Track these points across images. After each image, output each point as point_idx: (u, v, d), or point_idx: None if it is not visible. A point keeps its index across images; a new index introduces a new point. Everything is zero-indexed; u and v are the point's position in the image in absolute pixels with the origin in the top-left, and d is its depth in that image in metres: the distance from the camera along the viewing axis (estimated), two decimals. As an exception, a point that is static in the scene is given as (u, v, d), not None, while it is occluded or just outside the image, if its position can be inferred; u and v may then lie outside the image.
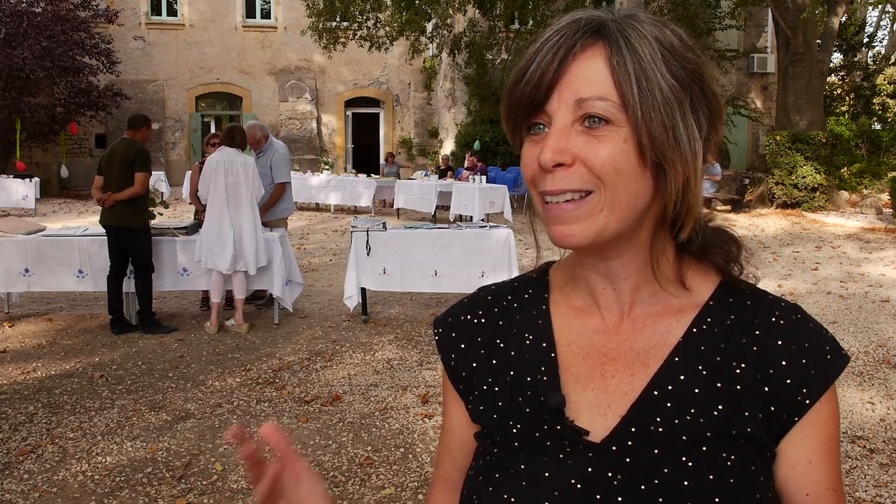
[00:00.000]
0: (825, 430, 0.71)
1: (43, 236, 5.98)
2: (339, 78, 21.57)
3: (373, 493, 3.20)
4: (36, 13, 16.12)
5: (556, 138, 0.67)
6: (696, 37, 13.99)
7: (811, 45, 14.48)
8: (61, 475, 3.35)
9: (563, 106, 0.67)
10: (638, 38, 0.67)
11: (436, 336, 0.86)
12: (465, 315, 0.85)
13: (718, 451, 0.68)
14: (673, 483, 0.68)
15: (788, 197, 14.11)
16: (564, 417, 0.72)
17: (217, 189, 5.69)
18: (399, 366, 4.98)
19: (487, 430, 0.78)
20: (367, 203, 14.32)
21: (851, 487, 3.27)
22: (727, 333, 0.73)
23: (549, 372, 0.76)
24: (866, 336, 5.77)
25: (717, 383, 0.71)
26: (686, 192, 0.69)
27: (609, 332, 0.76)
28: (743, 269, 0.77)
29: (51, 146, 18.03)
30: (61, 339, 5.65)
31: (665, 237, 0.73)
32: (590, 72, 0.66)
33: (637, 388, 0.72)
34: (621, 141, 0.66)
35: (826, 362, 0.71)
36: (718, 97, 0.71)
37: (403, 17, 15.41)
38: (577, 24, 0.68)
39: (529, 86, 0.68)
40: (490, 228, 6.25)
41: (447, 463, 0.85)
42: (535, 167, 0.69)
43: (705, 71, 0.70)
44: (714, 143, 0.72)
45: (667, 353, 0.73)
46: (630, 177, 0.67)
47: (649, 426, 0.70)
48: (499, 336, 0.81)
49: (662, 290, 0.75)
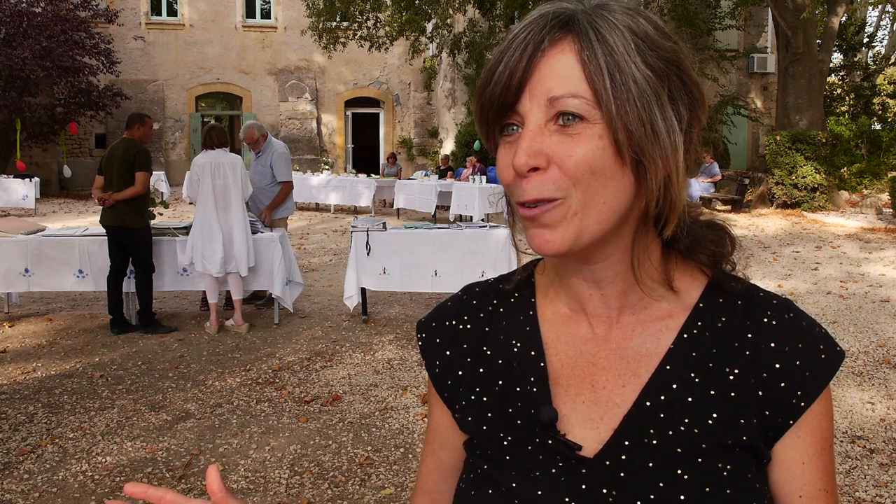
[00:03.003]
0: (818, 429, 0.70)
1: (43, 236, 5.98)
2: (339, 78, 21.58)
3: (373, 493, 3.20)
4: (36, 13, 16.13)
5: (530, 140, 0.64)
6: (696, 37, 13.97)
7: (811, 45, 14.48)
8: (61, 475, 3.35)
9: (535, 105, 0.64)
10: (609, 29, 0.63)
11: (419, 342, 0.84)
12: (449, 320, 0.82)
13: (714, 462, 0.67)
14: (669, 497, 0.66)
15: (788, 197, 14.11)
16: (556, 432, 0.71)
17: (205, 191, 5.67)
18: (399, 366, 4.98)
19: (477, 442, 0.76)
20: (367, 203, 14.33)
21: (851, 487, 3.27)
22: (718, 337, 0.71)
23: (539, 383, 0.73)
24: (866, 336, 5.77)
25: (710, 391, 0.69)
26: (668, 187, 0.66)
27: (598, 340, 0.73)
28: (735, 265, 0.75)
29: (51, 146, 18.04)
30: (61, 339, 5.65)
31: (649, 236, 0.70)
32: (560, 68, 0.63)
33: (629, 399, 0.70)
34: (596, 138, 0.63)
35: (821, 362, 0.69)
36: (698, 84, 0.68)
37: (403, 17, 15.41)
38: (545, 18, 0.65)
39: (499, 86, 0.65)
40: (490, 228, 6.25)
41: (431, 462, 0.84)
42: (510, 173, 0.66)
43: (683, 58, 0.67)
44: (697, 132, 0.69)
45: (658, 362, 0.71)
46: (607, 175, 0.64)
47: (643, 438, 0.68)
48: (485, 343, 0.79)
49: (651, 294, 0.72)
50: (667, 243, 0.72)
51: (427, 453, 0.85)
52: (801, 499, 0.70)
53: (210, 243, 5.66)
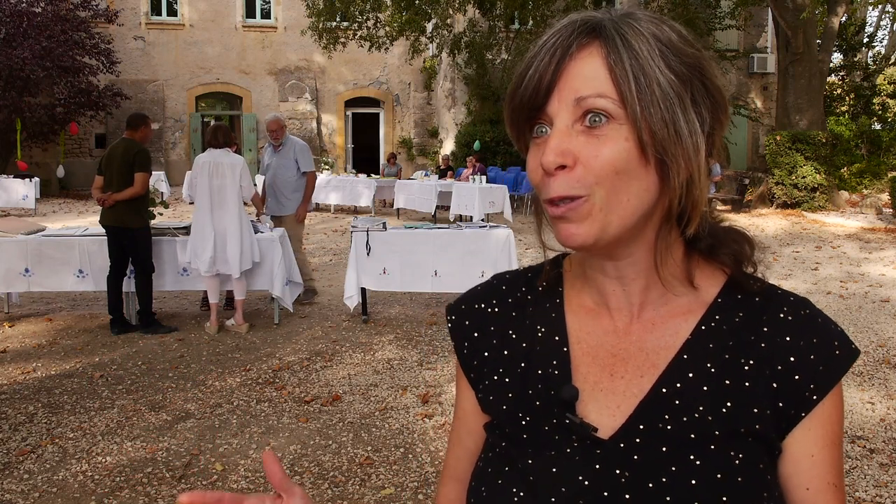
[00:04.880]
0: (829, 423, 0.71)
1: (43, 236, 5.98)
2: (339, 78, 21.57)
3: (373, 493, 3.20)
4: (36, 13, 16.13)
5: (558, 139, 0.67)
6: (696, 37, 14.31)
7: (811, 45, 14.48)
8: (61, 475, 3.35)
9: (563, 107, 0.67)
10: (634, 36, 0.67)
11: (448, 323, 0.87)
12: (479, 303, 0.85)
13: (727, 449, 0.68)
14: (680, 481, 0.68)
15: (788, 197, 14.11)
16: (574, 412, 0.73)
17: (201, 190, 5.68)
18: (399, 366, 4.98)
19: (497, 422, 0.78)
20: (367, 203, 14.33)
21: (851, 487, 3.27)
22: (735, 330, 0.73)
23: (561, 366, 0.76)
24: (866, 336, 5.77)
25: (725, 380, 0.71)
26: (691, 187, 0.69)
27: (619, 333, 0.76)
28: (756, 267, 0.77)
29: (51, 146, 18.04)
30: (61, 339, 5.65)
31: (672, 235, 0.73)
32: (587, 71, 0.67)
33: (646, 388, 0.72)
34: (622, 139, 0.66)
35: (835, 357, 0.71)
36: (721, 90, 0.71)
37: (403, 17, 15.42)
38: (573, 25, 0.69)
39: (529, 89, 0.69)
40: (490, 228, 6.25)
41: (458, 449, 0.86)
42: (539, 173, 0.69)
43: (706, 64, 0.70)
44: (718, 136, 0.72)
45: (675, 352, 0.73)
46: (631, 175, 0.66)
47: (657, 423, 0.70)
48: (511, 327, 0.82)
49: (672, 290, 0.75)
50: (689, 242, 0.75)
51: (453, 441, 0.87)
52: (809, 491, 0.71)
53: (202, 242, 5.67)
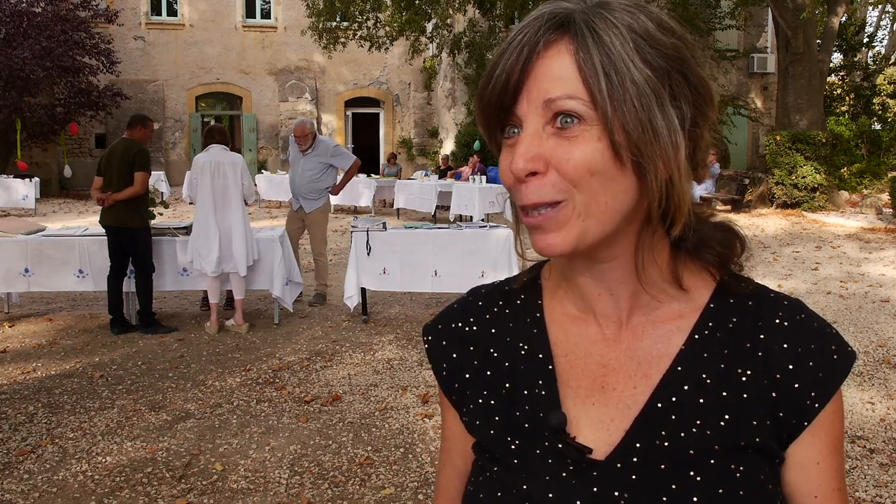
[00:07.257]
0: (832, 430, 0.70)
1: (43, 236, 5.98)
2: (339, 78, 21.58)
3: (373, 493, 3.20)
4: (36, 13, 16.13)
5: (527, 145, 0.63)
6: (696, 37, 14.24)
7: (811, 45, 14.47)
8: (61, 475, 3.35)
9: (532, 108, 0.64)
10: (606, 29, 0.62)
11: (426, 344, 0.83)
12: (455, 322, 0.81)
13: (727, 464, 0.67)
14: (681, 499, 0.66)
15: (788, 197, 14.11)
16: (566, 436, 0.70)
17: (203, 190, 5.67)
18: (399, 366, 4.98)
19: (485, 445, 0.75)
20: (367, 203, 14.34)
21: (851, 487, 3.27)
22: (730, 338, 0.70)
23: (548, 386, 0.73)
24: (866, 336, 5.77)
25: (722, 392, 0.68)
26: (671, 187, 0.65)
27: (608, 341, 0.72)
28: (743, 266, 0.74)
29: (51, 146, 18.04)
30: (61, 339, 5.65)
31: (656, 237, 0.69)
32: (556, 70, 0.62)
33: (640, 401, 0.69)
34: (594, 140, 0.62)
35: (833, 363, 0.69)
36: (705, 80, 0.66)
37: (403, 17, 15.41)
38: (541, 19, 0.64)
39: (496, 90, 0.65)
40: (490, 228, 6.25)
41: (449, 469, 0.84)
42: (511, 177, 0.66)
43: (687, 55, 0.65)
44: (705, 130, 0.68)
45: (669, 363, 0.70)
46: (607, 177, 0.63)
47: (654, 440, 0.68)
48: (492, 345, 0.78)
49: (660, 294, 0.71)
50: (675, 243, 0.71)
51: (444, 462, 0.85)
52: (817, 499, 0.70)
53: (207, 242, 5.65)
